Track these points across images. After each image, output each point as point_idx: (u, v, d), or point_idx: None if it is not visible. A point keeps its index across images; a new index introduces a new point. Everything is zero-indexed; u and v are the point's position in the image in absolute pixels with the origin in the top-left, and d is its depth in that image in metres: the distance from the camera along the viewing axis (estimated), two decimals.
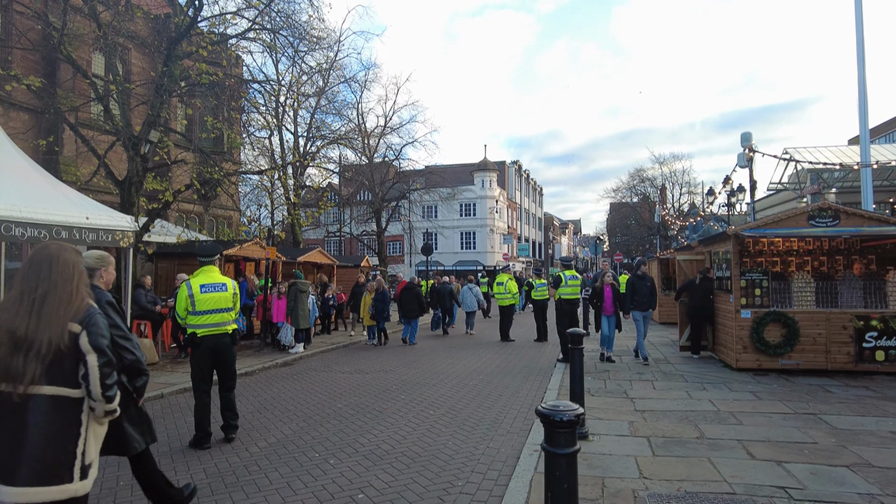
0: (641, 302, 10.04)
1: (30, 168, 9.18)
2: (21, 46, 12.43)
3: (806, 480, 4.22)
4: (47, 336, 2.38)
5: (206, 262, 5.77)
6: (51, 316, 2.42)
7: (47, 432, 2.35)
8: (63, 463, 2.37)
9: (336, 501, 4.08)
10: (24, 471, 2.30)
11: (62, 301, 2.47)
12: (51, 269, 2.53)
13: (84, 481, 2.44)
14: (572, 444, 2.22)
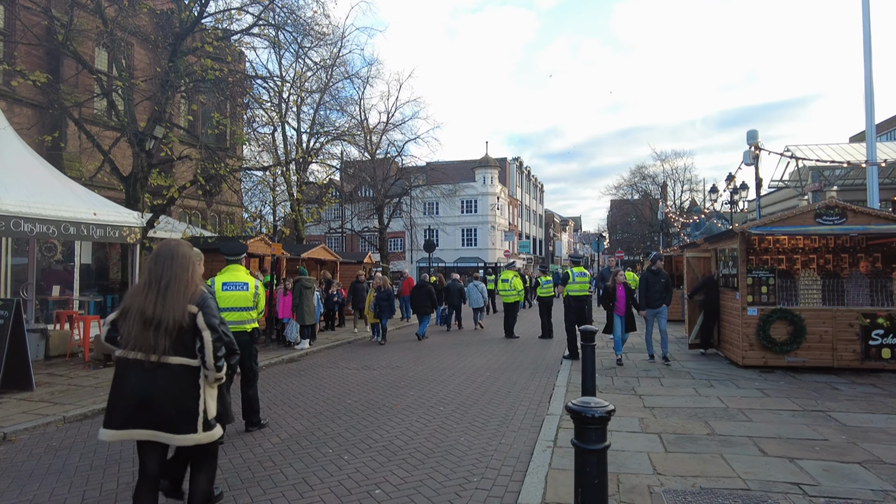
0: (654, 299, 9.67)
1: (38, 164, 9.19)
2: (26, 42, 12.40)
3: (819, 477, 4.25)
4: (172, 316, 3.04)
5: (233, 260, 5.92)
6: (174, 300, 3.07)
7: (174, 392, 3.06)
8: (186, 417, 3.07)
9: (353, 497, 4.10)
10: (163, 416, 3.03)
11: (181, 287, 3.12)
12: (172, 261, 3.17)
13: (208, 432, 3.16)
14: (603, 440, 2.24)
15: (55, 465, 4.93)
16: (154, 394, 3.04)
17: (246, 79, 14.51)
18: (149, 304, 3.06)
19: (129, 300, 3.18)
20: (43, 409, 6.64)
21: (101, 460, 5.02)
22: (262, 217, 18.61)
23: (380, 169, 26.25)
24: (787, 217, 8.80)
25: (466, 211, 46.70)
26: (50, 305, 11.72)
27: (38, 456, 5.18)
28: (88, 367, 9.26)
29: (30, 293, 10.30)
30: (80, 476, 4.63)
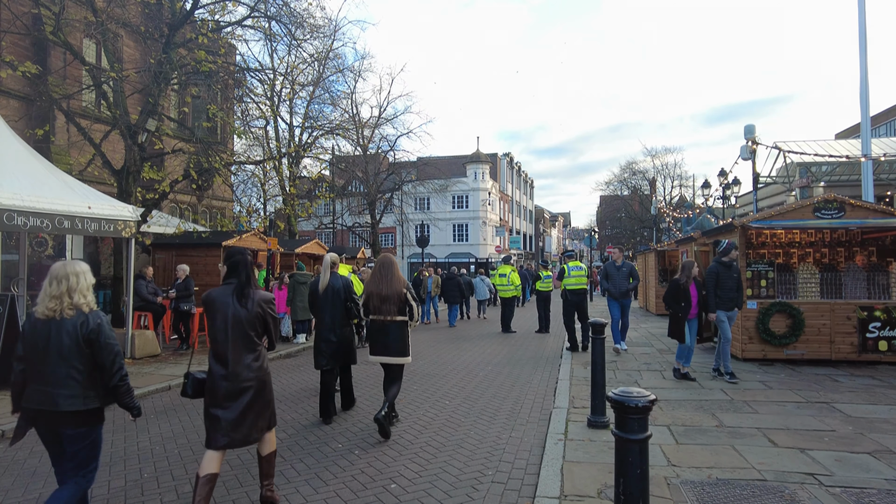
0: (728, 298, 7.64)
1: (30, 156, 8.97)
2: (14, 31, 12.11)
3: (832, 467, 4.28)
4: (395, 293, 5.42)
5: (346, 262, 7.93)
6: (395, 284, 5.45)
7: (399, 335, 5.46)
8: (403, 350, 5.50)
9: (370, 491, 4.05)
10: (392, 350, 5.45)
11: (397, 277, 5.51)
12: (391, 265, 5.59)
13: (409, 357, 5.59)
14: (645, 429, 2.22)
15: None
16: (387, 337, 5.45)
17: (239, 71, 14.31)
18: (383, 288, 5.44)
19: (370, 287, 5.52)
20: None
21: (106, 457, 4.91)
22: (257, 211, 18.43)
23: (371, 164, 26.10)
24: (786, 211, 8.86)
25: (458, 206, 46.65)
26: None
27: (39, 454, 5.06)
28: None
29: (21, 289, 10.08)
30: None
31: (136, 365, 9.01)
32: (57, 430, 3.11)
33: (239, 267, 3.74)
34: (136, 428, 5.83)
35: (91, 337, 3.08)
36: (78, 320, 3.08)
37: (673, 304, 7.63)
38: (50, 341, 3.04)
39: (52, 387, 3.03)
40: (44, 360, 3.05)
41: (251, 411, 3.61)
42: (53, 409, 3.02)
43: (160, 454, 4.99)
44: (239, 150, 20.29)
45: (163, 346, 10.51)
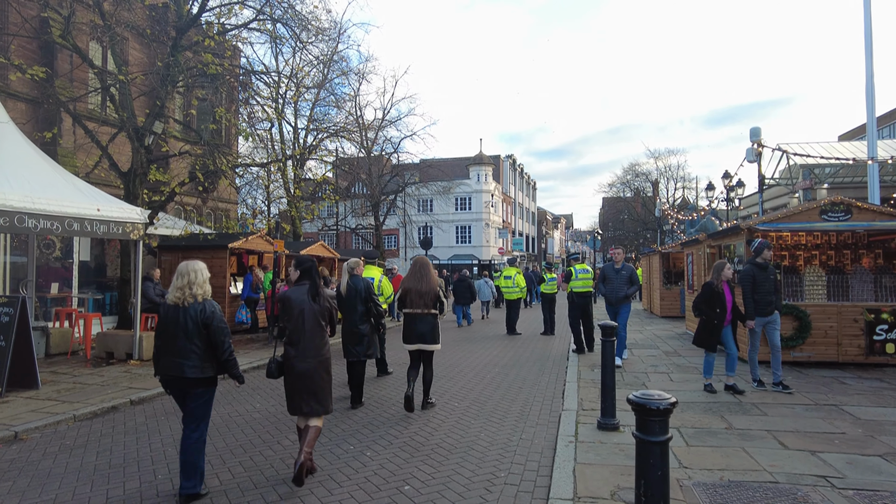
0: (766, 302, 7.02)
1: (39, 159, 9.04)
2: (22, 35, 12.18)
3: (844, 469, 4.29)
4: (430, 289, 6.29)
5: (370, 262, 9.23)
6: (431, 282, 6.34)
7: (431, 325, 6.30)
8: (435, 338, 6.33)
9: (384, 493, 4.07)
10: (427, 339, 6.27)
11: (432, 276, 6.40)
12: (428, 266, 6.47)
13: (439, 345, 6.45)
14: (665, 431, 2.24)
15: (73, 464, 4.85)
16: (423, 328, 6.30)
17: (244, 74, 14.37)
18: (422, 286, 6.34)
19: (408, 284, 6.40)
20: (51, 407, 6.54)
21: (119, 459, 4.95)
22: (262, 213, 18.49)
23: (375, 166, 26.15)
24: (792, 213, 8.87)
25: (461, 208, 46.70)
26: (48, 303, 11.56)
27: (52, 455, 5.10)
28: (91, 366, 9.13)
29: (29, 291, 10.13)
30: (101, 475, 4.56)
31: (145, 366, 9.04)
32: (183, 391, 4.03)
33: (312, 272, 4.65)
34: (147, 430, 5.87)
35: (207, 321, 3.96)
36: (198, 308, 3.97)
37: (707, 311, 6.89)
38: (178, 323, 3.95)
39: (180, 358, 3.93)
40: (174, 337, 3.96)
41: (319, 386, 4.44)
42: (181, 375, 3.93)
43: (173, 456, 5.01)
44: (244, 152, 20.35)
45: None
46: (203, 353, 3.97)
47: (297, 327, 4.47)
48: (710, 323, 6.90)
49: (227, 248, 12.97)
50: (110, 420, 6.29)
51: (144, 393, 7.26)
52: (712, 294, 6.88)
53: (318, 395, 4.42)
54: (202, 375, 3.96)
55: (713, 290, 6.89)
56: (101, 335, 9.84)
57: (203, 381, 4.00)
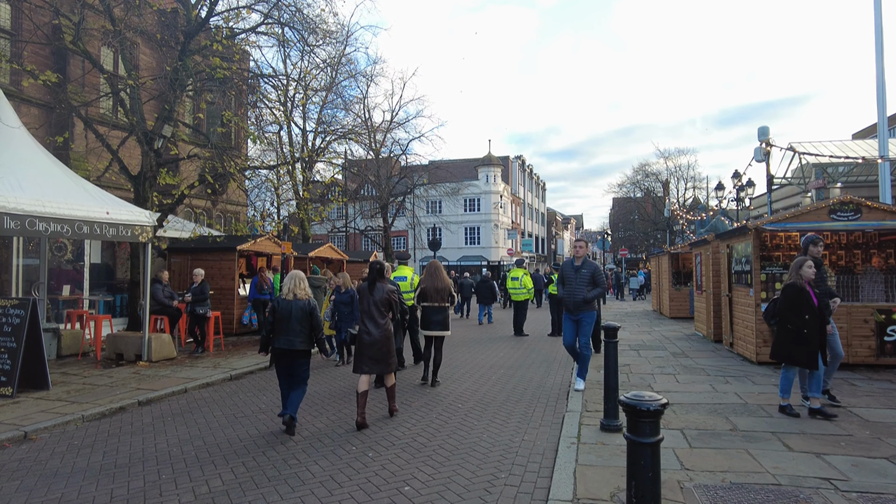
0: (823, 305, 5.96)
1: (51, 163, 9.18)
2: (34, 41, 12.38)
3: (849, 472, 4.24)
4: (444, 287, 7.81)
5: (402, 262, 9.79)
6: (443, 281, 7.86)
7: (444, 315, 7.79)
8: (447, 326, 7.84)
9: (383, 494, 4.09)
10: (442, 327, 7.77)
11: (444, 276, 7.96)
12: (440, 268, 8.04)
13: (449, 332, 7.92)
14: (657, 433, 2.23)
15: (79, 463, 4.92)
16: (438, 317, 7.69)
17: (253, 77, 14.50)
18: (437, 283, 7.74)
19: (426, 283, 7.80)
20: (60, 407, 6.63)
21: (125, 459, 5.01)
22: (271, 216, 18.65)
23: (384, 167, 26.24)
24: (801, 213, 8.78)
25: (470, 209, 46.68)
26: (60, 305, 11.72)
27: (60, 455, 5.17)
28: (101, 367, 9.25)
29: (41, 293, 10.29)
30: (106, 475, 4.62)
31: (153, 368, 9.15)
32: (291, 361, 5.73)
33: (373, 271, 6.26)
34: (153, 430, 5.94)
35: (309, 311, 5.75)
36: (303, 302, 5.75)
37: (793, 318, 5.74)
38: (291, 312, 5.68)
39: (292, 336, 5.66)
40: (287, 321, 5.66)
41: (381, 353, 6.01)
42: (292, 348, 5.66)
43: (177, 456, 5.07)
44: (253, 154, 20.54)
45: (179, 350, 10.65)
46: (306, 333, 5.69)
47: (365, 310, 6.15)
48: (797, 333, 5.74)
49: (235, 250, 13.07)
50: (118, 420, 6.37)
51: (152, 394, 7.34)
52: (799, 296, 5.74)
53: (377, 359, 6.01)
54: (306, 348, 5.71)
55: (799, 291, 5.75)
56: (111, 337, 9.96)
57: (305, 352, 5.77)
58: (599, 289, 7.13)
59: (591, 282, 7.09)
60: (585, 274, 7.13)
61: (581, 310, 7.07)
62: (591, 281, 7.09)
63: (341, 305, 9.49)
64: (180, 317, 11.07)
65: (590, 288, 7.07)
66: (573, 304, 7.10)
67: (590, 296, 7.05)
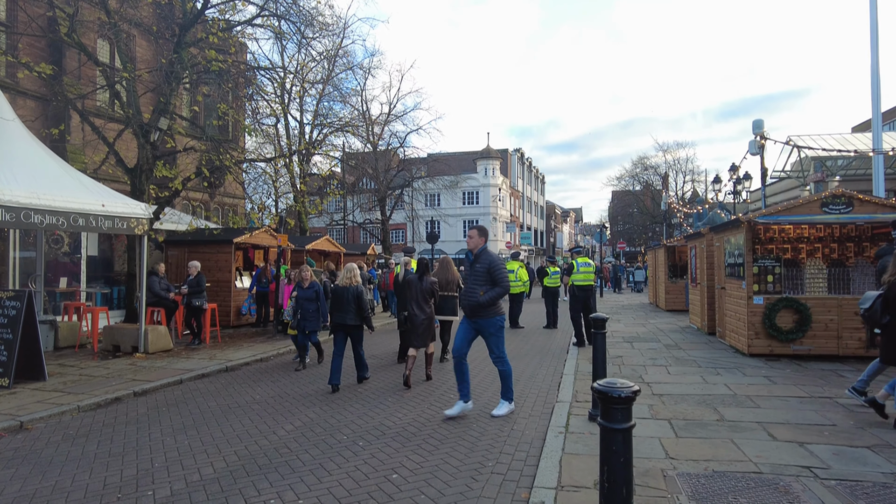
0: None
1: (46, 155, 9.20)
2: (29, 33, 12.36)
3: (829, 460, 4.31)
4: (454, 278, 8.72)
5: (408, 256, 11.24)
6: (453, 273, 8.73)
7: (454, 303, 8.77)
8: (455, 311, 8.82)
9: (371, 481, 4.16)
10: (452, 313, 8.80)
11: (454, 269, 8.84)
12: (449, 262, 8.86)
13: (458, 317, 7.50)
14: (629, 419, 2.29)
15: (74, 452, 4.99)
16: (450, 304, 8.64)
17: (249, 69, 14.48)
18: (447, 275, 8.55)
19: (438, 275, 8.41)
20: (57, 398, 6.70)
21: (119, 447, 5.08)
22: (268, 208, 18.68)
23: (382, 160, 26.24)
24: (793, 206, 8.82)
25: (468, 202, 46.68)
26: (58, 297, 11.78)
27: (55, 444, 5.25)
28: (98, 358, 9.32)
29: (38, 285, 10.35)
30: (100, 463, 4.70)
31: (150, 359, 9.22)
32: (346, 333, 7.46)
33: (422, 266, 7.77)
34: (148, 420, 6.01)
35: (358, 294, 7.36)
36: (354, 287, 7.36)
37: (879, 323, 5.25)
38: (345, 295, 7.31)
39: (345, 314, 7.32)
40: (342, 302, 7.32)
41: (425, 330, 7.50)
42: (345, 322, 7.34)
43: (171, 445, 5.14)
44: (250, 147, 20.53)
45: (175, 342, 10.72)
46: (356, 311, 7.33)
47: (414, 297, 7.52)
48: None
49: (232, 242, 13.13)
50: (113, 411, 6.45)
51: (148, 385, 7.42)
52: None
53: (423, 335, 7.50)
54: (357, 323, 7.40)
55: None
56: (108, 329, 10.03)
57: (357, 326, 7.46)
58: (498, 289, 5.75)
59: (487, 279, 5.80)
60: (479, 270, 5.85)
61: (477, 315, 5.84)
62: (487, 279, 5.80)
63: (305, 302, 8.48)
64: (177, 309, 11.13)
65: (486, 288, 5.77)
66: (467, 307, 5.90)
67: (483, 299, 5.71)
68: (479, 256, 5.96)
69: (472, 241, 6.10)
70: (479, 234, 6.09)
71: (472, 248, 6.09)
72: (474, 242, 6.07)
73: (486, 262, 5.87)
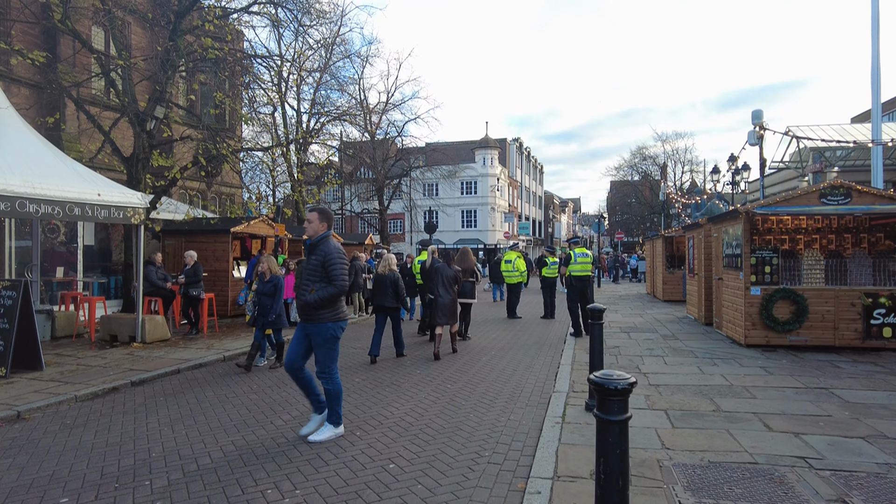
0: None
1: (41, 144, 9.12)
2: (22, 20, 12.22)
3: (824, 451, 4.33)
4: (471, 267, 10.46)
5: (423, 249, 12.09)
6: (470, 262, 10.53)
7: (472, 288, 10.58)
8: (473, 294, 10.54)
9: (368, 471, 4.17)
10: (470, 295, 10.38)
11: (471, 258, 10.68)
12: (468, 252, 10.79)
13: (476, 300, 10.84)
14: (625, 411, 2.29)
15: (71, 442, 5.00)
16: (468, 288, 10.28)
17: (246, 58, 14.36)
18: (466, 264, 10.28)
19: (459, 263, 9.95)
20: (54, 388, 6.70)
21: (117, 437, 5.09)
22: (265, 198, 18.60)
23: (379, 150, 26.14)
24: (791, 197, 8.81)
25: (466, 192, 46.57)
26: (54, 287, 11.75)
27: (53, 433, 5.25)
28: (95, 348, 9.32)
29: (34, 274, 10.31)
30: (97, 452, 4.70)
31: (147, 349, 9.21)
32: (385, 314, 8.71)
33: (447, 256, 9.24)
34: (145, 410, 6.01)
35: (394, 280, 8.59)
36: (391, 274, 8.59)
37: None
38: (384, 281, 8.52)
39: (385, 297, 8.56)
40: (382, 287, 8.57)
41: (451, 310, 8.76)
42: (385, 304, 8.59)
43: (168, 435, 5.15)
44: (247, 136, 20.42)
45: (172, 331, 10.72)
46: (393, 294, 8.55)
47: (440, 282, 8.71)
48: None
49: (229, 232, 13.08)
50: (110, 400, 6.45)
51: (145, 375, 7.41)
52: None
53: (448, 314, 8.73)
54: (395, 305, 8.65)
55: None
56: (105, 318, 10.02)
57: (395, 308, 8.71)
58: (332, 288, 4.73)
59: (319, 271, 4.80)
60: (314, 263, 4.83)
61: (308, 317, 4.81)
62: (320, 270, 4.80)
63: (264, 297, 7.68)
64: (174, 298, 11.12)
65: (319, 280, 4.78)
66: (298, 307, 4.97)
67: (311, 298, 4.71)
68: (315, 246, 4.87)
69: (310, 225, 4.93)
70: (319, 218, 4.93)
71: (310, 235, 4.94)
72: (313, 228, 4.92)
73: (321, 254, 4.79)
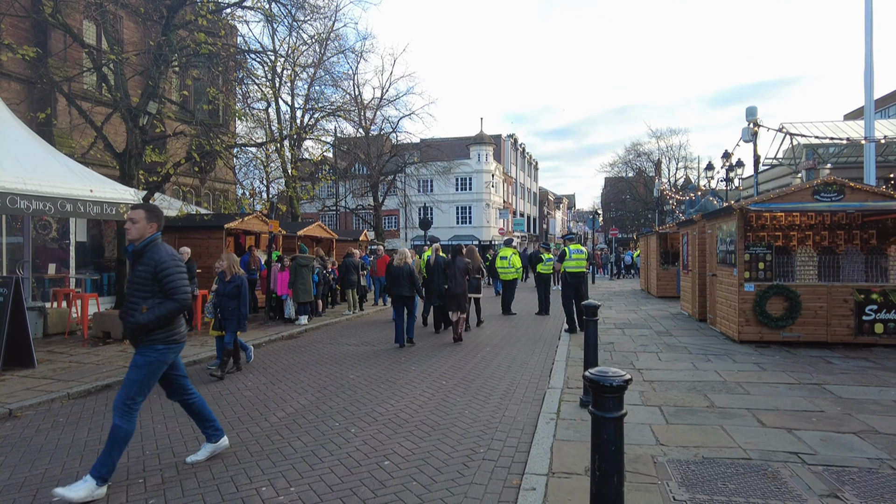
0: None
1: (32, 139, 9.04)
2: (12, 13, 12.07)
3: (817, 446, 4.36)
4: (475, 266, 11.54)
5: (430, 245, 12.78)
6: (476, 260, 11.74)
7: (479, 284, 11.99)
8: (479, 290, 12.02)
9: (363, 468, 4.17)
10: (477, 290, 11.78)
11: (477, 256, 12.16)
12: (474, 250, 12.02)
13: (482, 294, 12.60)
14: (620, 408, 2.29)
15: (63, 440, 4.97)
16: (475, 284, 11.60)
17: (239, 53, 14.25)
18: (470, 264, 10.48)
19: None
20: (46, 385, 6.66)
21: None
22: (259, 194, 18.52)
23: (374, 145, 26.06)
24: (785, 194, 8.84)
25: (461, 188, 46.55)
26: (46, 283, 11.66)
27: (45, 431, 5.21)
28: (88, 345, 9.26)
29: (26, 271, 10.23)
30: (90, 450, 4.67)
31: None
32: (402, 302, 9.49)
33: (456, 251, 10.13)
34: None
35: (410, 272, 9.48)
36: (407, 266, 9.46)
37: None
38: (401, 273, 9.45)
39: (401, 288, 9.45)
40: (399, 278, 9.48)
41: (461, 299, 9.69)
42: (402, 294, 9.45)
43: (162, 432, 5.13)
44: (241, 132, 20.29)
45: None
46: (409, 285, 9.35)
47: (452, 274, 9.74)
48: None
49: (223, 228, 13.00)
50: (104, 398, 6.41)
51: None
52: None
53: (459, 303, 9.66)
54: (410, 294, 9.39)
55: None
56: (98, 315, 9.95)
57: (411, 297, 9.43)
58: (171, 304, 3.84)
59: (151, 289, 3.86)
60: (141, 274, 3.86)
61: (137, 340, 3.87)
62: (150, 287, 3.86)
63: (225, 299, 7.15)
64: None
65: (152, 302, 3.84)
66: (127, 332, 3.94)
67: (143, 319, 3.78)
68: (141, 254, 3.88)
69: (135, 227, 3.91)
70: (147, 217, 3.94)
71: (133, 240, 3.92)
72: (138, 230, 3.91)
73: (151, 263, 3.83)
